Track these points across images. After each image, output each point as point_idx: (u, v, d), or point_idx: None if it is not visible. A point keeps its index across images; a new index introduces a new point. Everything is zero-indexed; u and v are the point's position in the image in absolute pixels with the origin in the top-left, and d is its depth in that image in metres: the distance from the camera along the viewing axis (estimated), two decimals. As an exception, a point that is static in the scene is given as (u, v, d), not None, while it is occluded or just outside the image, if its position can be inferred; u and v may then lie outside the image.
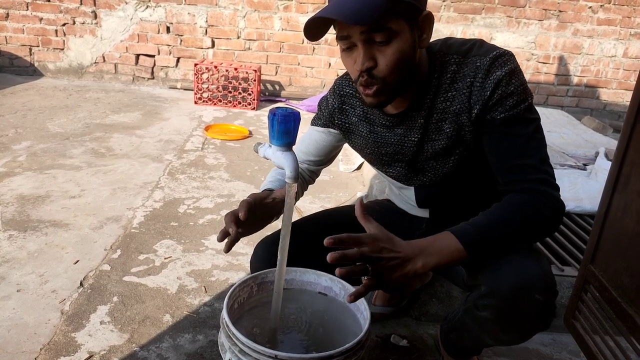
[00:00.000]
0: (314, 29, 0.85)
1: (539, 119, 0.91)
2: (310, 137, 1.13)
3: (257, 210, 0.96)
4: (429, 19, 0.86)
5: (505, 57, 0.88)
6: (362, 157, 1.13)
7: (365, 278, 0.80)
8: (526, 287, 0.82)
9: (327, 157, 1.15)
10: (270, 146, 0.83)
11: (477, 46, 0.91)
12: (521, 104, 0.87)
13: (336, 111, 1.07)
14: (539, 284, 0.83)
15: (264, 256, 1.04)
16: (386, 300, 1.37)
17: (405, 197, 1.12)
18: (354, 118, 1.05)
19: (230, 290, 0.97)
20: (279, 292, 0.91)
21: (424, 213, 1.11)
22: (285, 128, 0.78)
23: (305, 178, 1.16)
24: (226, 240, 0.93)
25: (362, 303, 0.98)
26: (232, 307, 0.97)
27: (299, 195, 1.14)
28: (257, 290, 1.04)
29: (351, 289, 1.03)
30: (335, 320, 1.04)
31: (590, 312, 1.17)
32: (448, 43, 0.94)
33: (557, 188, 0.90)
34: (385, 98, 0.90)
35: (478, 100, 0.88)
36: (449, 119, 0.94)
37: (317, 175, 1.19)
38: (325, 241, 0.75)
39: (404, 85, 0.89)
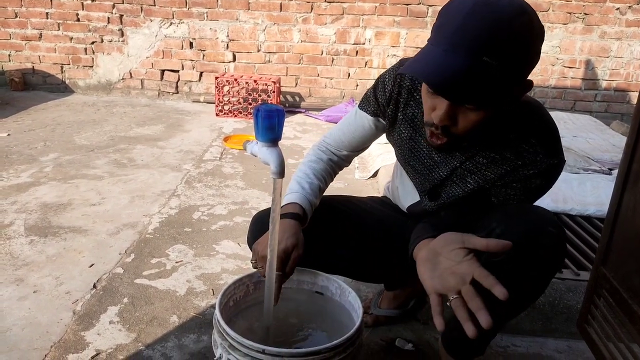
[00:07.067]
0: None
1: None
2: (357, 123, 1.09)
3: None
4: (527, 88, 0.82)
5: (555, 171, 0.91)
6: (394, 148, 1.10)
7: None
8: (539, 223, 0.86)
9: (368, 145, 1.15)
10: (257, 143, 0.84)
11: (553, 139, 0.91)
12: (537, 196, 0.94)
13: (392, 101, 1.00)
14: (550, 220, 0.87)
15: (261, 232, 1.01)
16: (391, 303, 1.35)
17: (408, 191, 1.12)
18: (400, 115, 1.02)
19: (224, 288, 0.98)
20: (271, 289, 0.92)
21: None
22: (269, 124, 0.80)
23: (340, 165, 1.17)
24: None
25: (356, 301, 0.98)
26: (226, 304, 0.98)
27: (328, 182, 1.13)
28: (253, 289, 1.05)
29: (347, 288, 1.03)
30: (331, 319, 1.04)
31: (603, 317, 1.12)
32: (540, 118, 0.91)
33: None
34: (451, 147, 0.89)
35: (509, 184, 0.92)
36: (476, 174, 0.94)
37: (349, 163, 1.19)
38: None
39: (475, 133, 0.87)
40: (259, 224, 1.06)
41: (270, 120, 0.79)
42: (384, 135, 1.12)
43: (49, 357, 1.18)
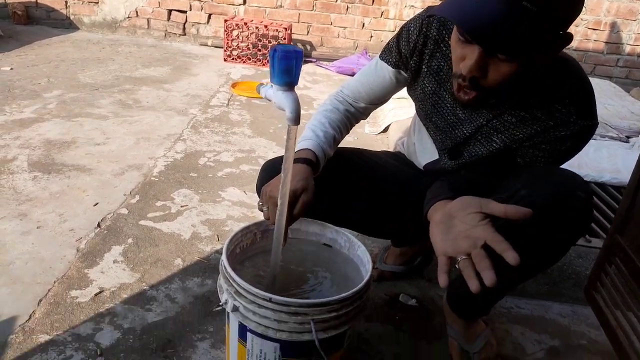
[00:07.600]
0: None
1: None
2: (377, 74, 1.03)
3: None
4: (566, 41, 0.76)
5: (588, 133, 0.86)
6: (415, 103, 1.05)
7: None
8: (568, 186, 0.82)
9: (387, 98, 1.08)
10: (271, 86, 0.79)
11: (588, 100, 0.85)
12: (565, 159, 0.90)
13: (416, 52, 0.94)
14: (579, 183, 0.83)
15: (270, 179, 0.97)
16: (397, 259, 1.34)
17: (427, 147, 1.08)
18: (424, 67, 0.95)
19: (232, 235, 0.96)
20: (279, 238, 0.89)
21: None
22: (286, 66, 0.74)
23: (357, 118, 1.10)
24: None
25: (365, 255, 0.96)
26: (233, 251, 0.96)
27: (343, 134, 1.08)
28: (261, 237, 1.03)
29: (356, 242, 1.00)
30: (338, 272, 1.02)
31: (613, 285, 1.10)
32: (577, 77, 0.85)
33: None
34: (479, 103, 0.83)
35: (538, 145, 0.87)
36: (504, 133, 0.89)
37: (367, 115, 1.14)
38: None
39: (505, 90, 0.82)
40: (269, 172, 1.02)
41: (287, 62, 0.74)
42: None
43: (52, 292, 1.18)
